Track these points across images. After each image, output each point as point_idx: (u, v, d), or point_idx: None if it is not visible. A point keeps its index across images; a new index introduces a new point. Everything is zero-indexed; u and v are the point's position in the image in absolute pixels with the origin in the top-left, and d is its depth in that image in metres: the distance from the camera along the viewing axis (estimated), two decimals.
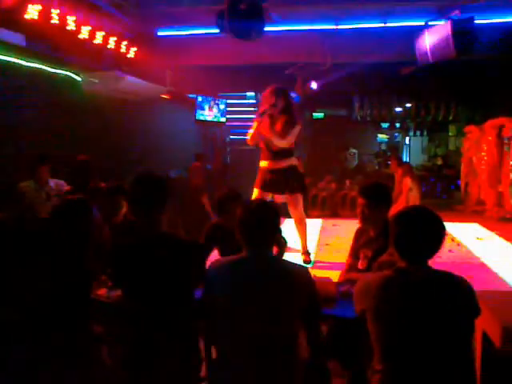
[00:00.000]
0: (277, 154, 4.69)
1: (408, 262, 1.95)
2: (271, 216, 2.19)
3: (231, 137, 11.42)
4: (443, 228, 1.98)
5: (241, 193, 3.43)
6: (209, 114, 9.84)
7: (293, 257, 4.75)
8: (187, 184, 8.20)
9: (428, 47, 6.43)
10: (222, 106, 10.13)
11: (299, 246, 5.05)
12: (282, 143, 4.62)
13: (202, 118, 9.65)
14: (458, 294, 1.91)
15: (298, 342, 2.30)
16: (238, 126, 10.44)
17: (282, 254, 3.70)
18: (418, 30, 6.58)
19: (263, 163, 4.79)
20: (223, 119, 10.27)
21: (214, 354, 2.24)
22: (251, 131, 4.64)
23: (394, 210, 3.32)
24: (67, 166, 5.18)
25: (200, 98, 9.52)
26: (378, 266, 2.34)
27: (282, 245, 3.77)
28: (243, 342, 2.05)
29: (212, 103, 9.86)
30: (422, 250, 1.95)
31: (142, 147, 7.60)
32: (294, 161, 4.83)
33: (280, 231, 2.44)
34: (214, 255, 3.33)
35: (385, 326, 1.91)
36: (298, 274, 2.14)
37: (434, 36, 6.38)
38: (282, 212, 2.38)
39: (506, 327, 2.34)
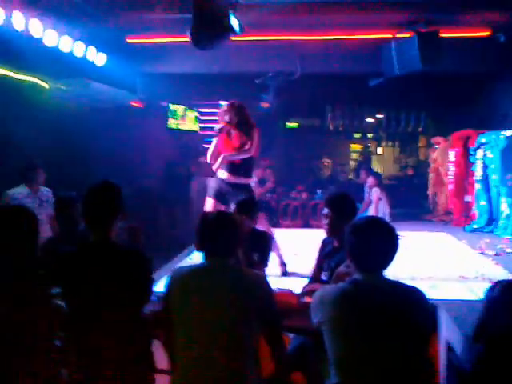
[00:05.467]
0: (238, 169, 4.77)
1: (363, 273, 1.94)
2: (231, 227, 2.19)
3: (205, 145, 11.32)
4: (397, 238, 1.98)
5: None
6: (181, 122, 9.76)
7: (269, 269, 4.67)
8: None
9: (395, 59, 6.54)
10: (194, 115, 10.06)
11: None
12: (247, 155, 4.78)
13: (174, 126, 9.57)
14: (413, 306, 1.91)
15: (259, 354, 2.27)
16: (212, 134, 10.34)
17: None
18: (386, 42, 6.68)
19: (222, 174, 4.83)
20: (196, 128, 10.19)
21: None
22: (210, 149, 4.79)
23: None
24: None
25: (172, 106, 9.44)
26: (336, 277, 2.33)
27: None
28: (199, 349, 2.01)
29: (184, 112, 9.78)
30: (376, 261, 1.95)
31: (113, 155, 7.47)
32: (250, 180, 4.95)
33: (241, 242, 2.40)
34: None
35: (339, 340, 1.89)
36: (254, 279, 2.14)
37: (400, 48, 6.49)
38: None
39: (467, 337, 2.35)
